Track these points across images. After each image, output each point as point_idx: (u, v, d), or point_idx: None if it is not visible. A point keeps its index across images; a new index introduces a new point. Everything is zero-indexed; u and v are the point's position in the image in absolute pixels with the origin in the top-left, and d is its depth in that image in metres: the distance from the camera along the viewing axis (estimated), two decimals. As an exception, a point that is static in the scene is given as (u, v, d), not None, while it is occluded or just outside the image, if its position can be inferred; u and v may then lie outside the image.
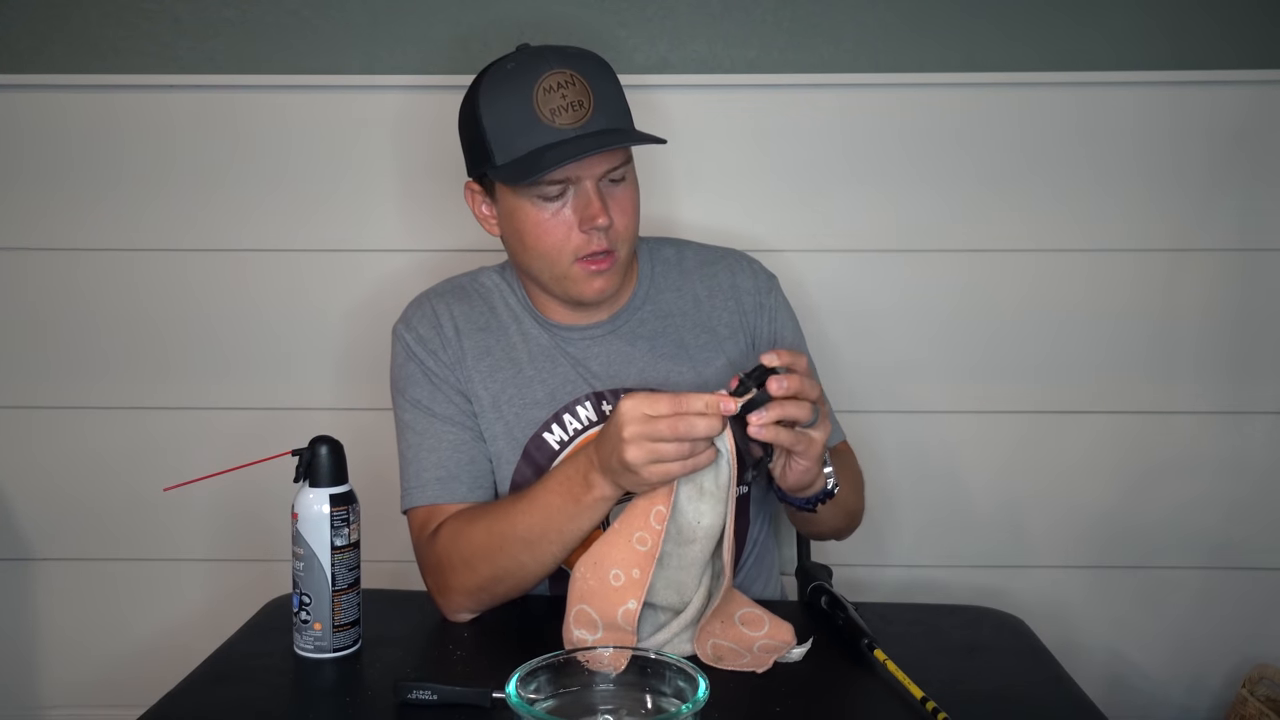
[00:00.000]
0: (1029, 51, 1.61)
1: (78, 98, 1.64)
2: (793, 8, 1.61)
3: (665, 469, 0.99)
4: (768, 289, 1.33)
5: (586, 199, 1.15)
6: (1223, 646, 1.75)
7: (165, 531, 1.73)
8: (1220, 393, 1.69)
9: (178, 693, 1.04)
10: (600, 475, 1.05)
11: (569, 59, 1.16)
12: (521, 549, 1.11)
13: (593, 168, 1.15)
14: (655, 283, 1.30)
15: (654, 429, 0.97)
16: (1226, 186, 1.65)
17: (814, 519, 1.21)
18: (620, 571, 1.05)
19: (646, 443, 0.98)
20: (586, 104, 1.13)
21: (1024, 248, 1.67)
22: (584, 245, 1.16)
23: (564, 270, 1.18)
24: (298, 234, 1.67)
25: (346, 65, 1.63)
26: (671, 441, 0.98)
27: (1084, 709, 1.01)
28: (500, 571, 1.12)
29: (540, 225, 1.17)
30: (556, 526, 1.09)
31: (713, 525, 1.05)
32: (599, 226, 1.15)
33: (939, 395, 1.70)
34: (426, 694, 0.97)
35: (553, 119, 1.13)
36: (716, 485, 1.04)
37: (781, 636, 1.08)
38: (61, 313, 1.69)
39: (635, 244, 1.23)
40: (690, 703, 0.81)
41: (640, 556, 1.04)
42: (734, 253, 1.36)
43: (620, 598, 1.04)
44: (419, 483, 1.21)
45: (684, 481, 1.04)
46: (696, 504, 1.05)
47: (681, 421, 0.97)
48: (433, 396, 1.23)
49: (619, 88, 1.20)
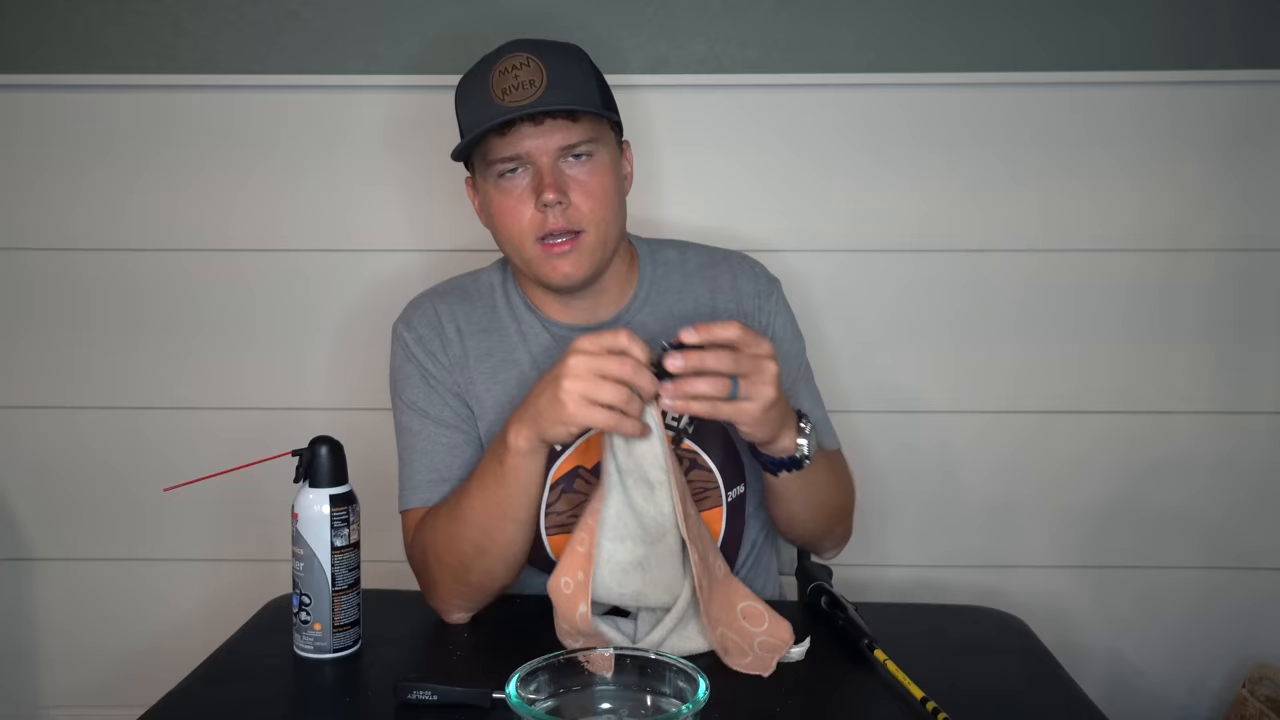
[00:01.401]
0: (1029, 51, 1.61)
1: (78, 98, 1.65)
2: (793, 8, 1.61)
3: (592, 414, 0.97)
4: (768, 292, 1.32)
5: (539, 175, 1.15)
6: (1223, 646, 1.75)
7: (165, 531, 1.73)
8: (1219, 393, 1.69)
9: (178, 693, 1.04)
10: (519, 426, 1.04)
11: (533, 45, 1.17)
12: (474, 530, 1.10)
13: (544, 145, 1.14)
14: (656, 284, 1.30)
15: (601, 364, 0.97)
16: (1226, 186, 1.65)
17: (785, 500, 1.18)
18: (570, 579, 1.05)
19: (590, 374, 0.97)
20: (539, 83, 1.13)
21: (1024, 247, 1.67)
22: (540, 225, 1.16)
23: (530, 253, 1.18)
24: (297, 234, 1.67)
25: (346, 65, 1.63)
26: (614, 380, 0.97)
27: (1084, 709, 1.01)
28: (465, 558, 1.12)
29: (502, 206, 1.18)
30: (494, 497, 1.08)
31: (672, 513, 1.04)
32: (547, 202, 1.13)
33: (938, 395, 1.70)
34: (426, 694, 0.97)
35: (503, 97, 1.13)
36: (660, 472, 1.02)
37: (780, 634, 1.08)
38: (61, 313, 1.69)
39: (610, 231, 1.20)
40: (690, 703, 0.81)
41: (581, 559, 1.05)
42: (736, 255, 1.35)
43: (573, 604, 1.04)
44: (411, 486, 1.22)
45: (631, 482, 1.03)
46: (652, 498, 1.03)
47: (628, 363, 0.97)
48: (428, 399, 1.23)
49: (588, 74, 1.19)
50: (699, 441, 1.22)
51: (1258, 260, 1.67)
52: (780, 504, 1.20)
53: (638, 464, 1.02)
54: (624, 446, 1.02)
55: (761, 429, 1.04)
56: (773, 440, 1.07)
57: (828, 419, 1.33)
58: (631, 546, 1.05)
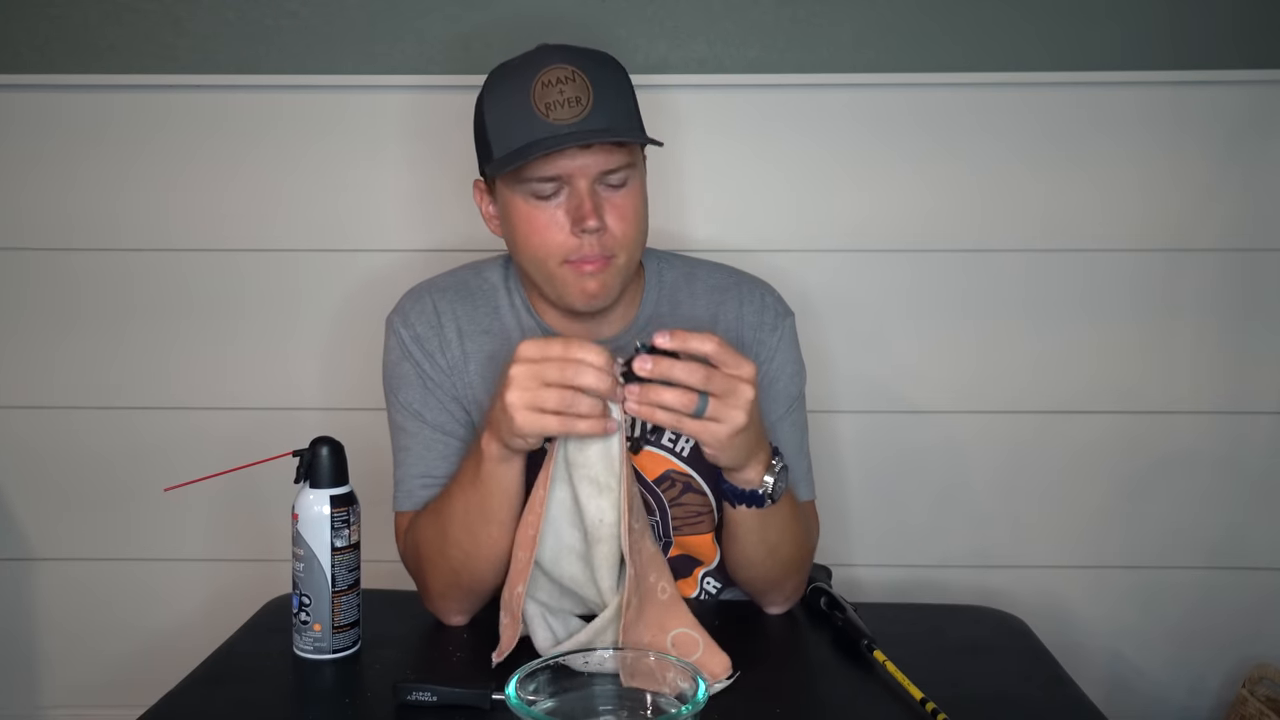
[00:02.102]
0: (1029, 51, 1.61)
1: (78, 98, 1.64)
2: (793, 8, 1.61)
3: (541, 421, 0.95)
4: (773, 326, 1.25)
5: (579, 200, 1.11)
6: (1223, 646, 1.75)
7: (165, 531, 1.73)
8: (1219, 393, 1.69)
9: (178, 693, 1.04)
10: (488, 434, 1.02)
11: (575, 56, 1.13)
12: (460, 534, 1.09)
13: (586, 167, 1.10)
14: (660, 304, 1.26)
15: (541, 370, 0.94)
16: (1226, 186, 1.65)
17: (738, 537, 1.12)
18: (519, 555, 1.04)
19: (530, 383, 0.94)
20: (585, 100, 1.09)
21: (1025, 247, 1.67)
22: (574, 249, 1.12)
23: (552, 271, 1.14)
24: (296, 233, 1.67)
25: (345, 65, 1.62)
26: (556, 386, 0.94)
27: (1084, 709, 1.01)
28: (453, 563, 1.11)
29: (531, 223, 1.13)
30: (475, 503, 1.07)
31: (615, 524, 1.01)
32: (588, 229, 1.10)
33: (939, 395, 1.70)
34: (426, 695, 0.97)
35: (547, 113, 1.09)
36: (611, 477, 1.00)
37: (711, 668, 1.01)
38: (60, 312, 1.69)
39: (637, 254, 1.17)
40: (690, 703, 0.81)
41: (527, 540, 1.03)
42: (749, 281, 1.29)
43: (513, 582, 1.04)
44: (405, 489, 1.20)
45: (580, 477, 1.00)
46: (597, 501, 1.00)
47: (569, 366, 0.93)
48: (425, 402, 1.21)
49: (628, 91, 1.16)
50: (694, 465, 1.20)
51: (1259, 260, 1.67)
52: (733, 540, 1.14)
53: (586, 461, 1.00)
54: (578, 442, 1.00)
55: (726, 453, 0.99)
56: (738, 469, 1.03)
57: (810, 470, 1.28)
58: (579, 536, 1.04)
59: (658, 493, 1.20)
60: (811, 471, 1.28)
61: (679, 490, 1.20)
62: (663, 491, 1.20)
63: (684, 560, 1.24)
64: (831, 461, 1.67)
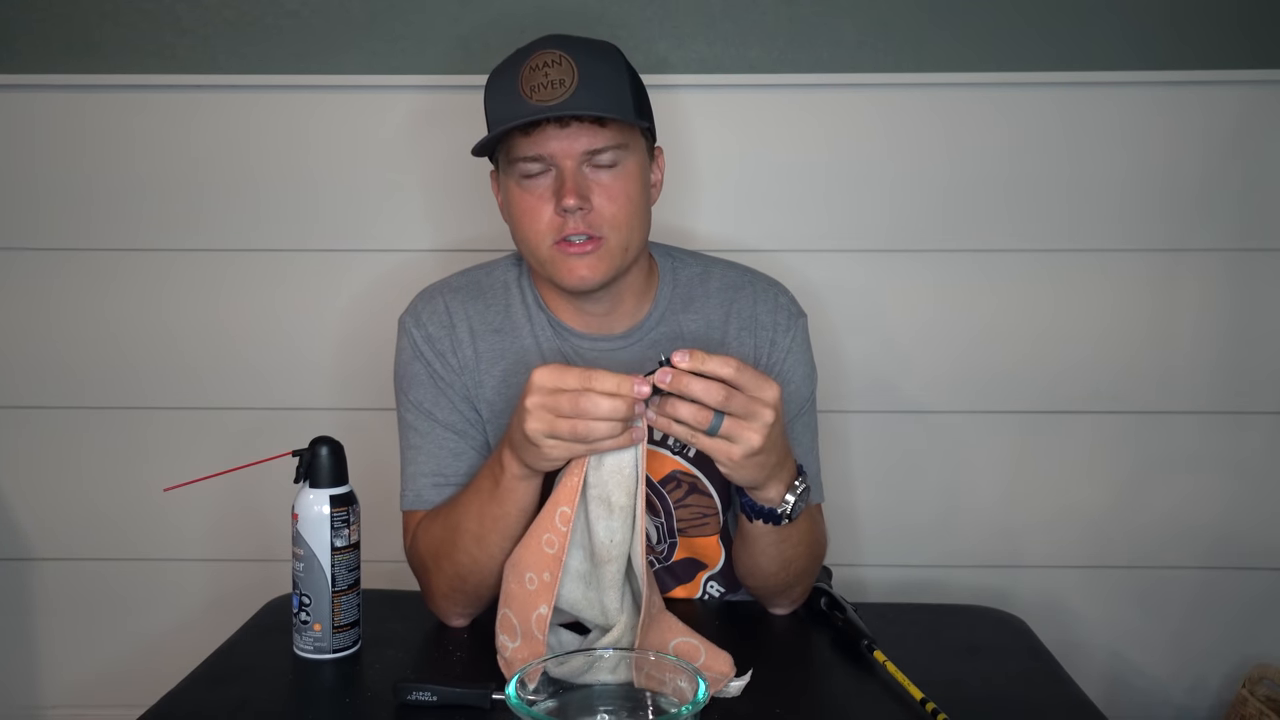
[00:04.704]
0: (1028, 51, 1.61)
1: (78, 98, 1.64)
2: (793, 8, 1.61)
3: (566, 448, 0.95)
4: (786, 327, 1.25)
5: (561, 179, 1.12)
6: (1223, 646, 1.75)
7: (165, 531, 1.73)
8: (1219, 393, 1.69)
9: (178, 693, 1.04)
10: (509, 452, 1.02)
11: (568, 43, 1.14)
12: (470, 542, 1.09)
13: (569, 147, 1.11)
14: (673, 302, 1.25)
15: (555, 402, 0.94)
16: (1225, 186, 1.65)
17: (752, 548, 1.12)
18: (534, 575, 1.02)
19: (547, 415, 0.94)
20: (569, 82, 1.10)
21: (1024, 247, 1.67)
22: (560, 228, 1.12)
23: (546, 254, 1.15)
24: (296, 233, 1.67)
25: (346, 65, 1.62)
26: (571, 418, 0.93)
27: (1084, 709, 1.01)
28: (461, 569, 1.11)
29: (521, 204, 1.15)
30: (490, 515, 1.06)
31: (624, 544, 1.00)
32: (568, 207, 1.10)
33: (939, 395, 1.70)
34: (426, 695, 0.97)
35: (530, 95, 1.10)
36: (626, 498, 0.98)
37: (718, 668, 1.02)
38: (61, 312, 1.69)
39: (633, 237, 1.16)
40: (690, 703, 0.81)
41: (549, 560, 1.01)
42: (763, 281, 1.29)
43: (534, 602, 1.02)
44: (414, 487, 1.20)
45: (593, 497, 1.00)
46: (607, 522, 0.99)
47: (584, 398, 0.93)
48: (436, 401, 1.21)
49: (621, 76, 1.15)
50: (700, 466, 1.20)
51: (1258, 260, 1.67)
52: (747, 551, 1.14)
53: (602, 481, 0.99)
54: (595, 461, 0.99)
55: (740, 473, 0.98)
56: (756, 488, 1.02)
57: (819, 471, 1.27)
58: (582, 557, 1.03)
59: (663, 493, 1.20)
60: (820, 474, 1.28)
61: (684, 491, 1.20)
62: (668, 492, 1.20)
63: (688, 564, 1.24)
64: (837, 461, 1.67)
